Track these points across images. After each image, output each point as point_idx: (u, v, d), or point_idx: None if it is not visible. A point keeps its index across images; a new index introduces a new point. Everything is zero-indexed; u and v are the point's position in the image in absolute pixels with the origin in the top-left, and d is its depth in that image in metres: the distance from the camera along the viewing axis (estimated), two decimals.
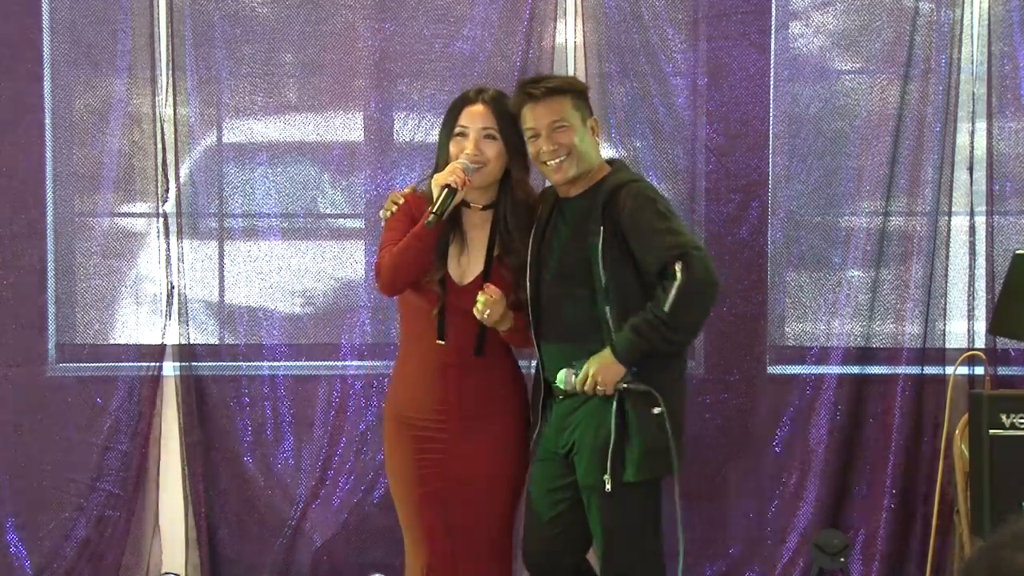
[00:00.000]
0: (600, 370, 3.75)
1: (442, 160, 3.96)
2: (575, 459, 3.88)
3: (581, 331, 3.85)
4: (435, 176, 3.88)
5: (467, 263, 3.96)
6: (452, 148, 3.93)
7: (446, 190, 3.78)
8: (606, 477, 3.75)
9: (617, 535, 3.83)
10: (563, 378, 3.83)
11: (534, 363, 4.10)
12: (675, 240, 3.74)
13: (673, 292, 3.67)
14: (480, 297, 3.81)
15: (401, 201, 4.00)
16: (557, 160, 3.83)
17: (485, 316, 3.81)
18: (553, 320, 3.90)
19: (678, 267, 3.69)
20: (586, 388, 3.78)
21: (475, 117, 3.92)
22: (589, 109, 3.96)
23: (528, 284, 3.91)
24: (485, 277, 3.92)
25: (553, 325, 3.90)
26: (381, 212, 4.10)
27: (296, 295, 5.09)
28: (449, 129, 3.96)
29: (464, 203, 3.93)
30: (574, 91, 3.91)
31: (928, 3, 4.97)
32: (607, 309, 3.78)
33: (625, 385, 3.75)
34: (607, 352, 3.76)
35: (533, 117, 3.85)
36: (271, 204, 5.05)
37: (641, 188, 3.85)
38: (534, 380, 4.07)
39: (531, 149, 3.89)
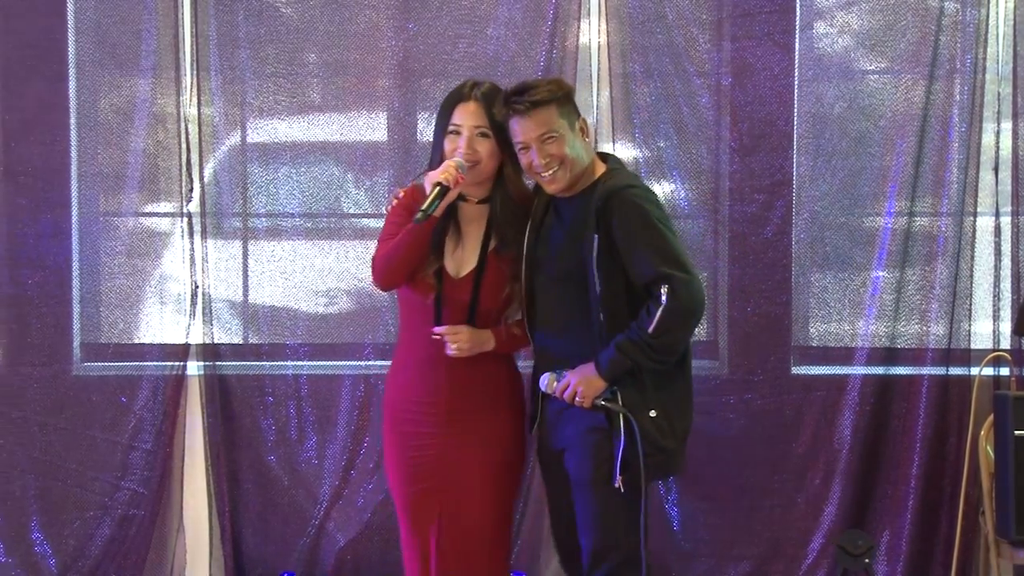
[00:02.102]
0: (582, 382, 3.80)
1: (436, 156, 3.95)
2: (566, 456, 3.91)
3: (575, 329, 3.85)
4: (428, 173, 3.89)
5: (462, 257, 3.96)
6: (446, 145, 3.91)
7: (437, 188, 3.78)
8: (620, 478, 3.76)
9: (600, 527, 3.83)
10: (545, 381, 3.88)
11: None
12: (663, 261, 3.73)
13: (658, 316, 3.71)
14: (444, 336, 3.88)
15: (401, 195, 4.01)
16: (550, 172, 3.80)
17: (454, 350, 3.88)
18: (548, 317, 3.91)
19: (664, 291, 3.72)
20: (565, 396, 3.82)
21: (468, 115, 3.89)
22: (576, 111, 3.89)
23: (523, 280, 3.93)
24: (478, 272, 3.93)
25: (547, 321, 3.92)
26: (385, 207, 4.10)
27: (320, 295, 5.10)
28: (443, 126, 3.93)
29: (461, 197, 3.92)
30: (559, 98, 3.81)
31: (953, 3, 4.96)
32: (601, 315, 3.79)
33: (603, 403, 3.79)
34: (591, 367, 3.80)
35: (521, 131, 3.79)
36: (295, 204, 5.06)
37: (634, 196, 3.79)
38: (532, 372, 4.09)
39: (522, 161, 3.84)
